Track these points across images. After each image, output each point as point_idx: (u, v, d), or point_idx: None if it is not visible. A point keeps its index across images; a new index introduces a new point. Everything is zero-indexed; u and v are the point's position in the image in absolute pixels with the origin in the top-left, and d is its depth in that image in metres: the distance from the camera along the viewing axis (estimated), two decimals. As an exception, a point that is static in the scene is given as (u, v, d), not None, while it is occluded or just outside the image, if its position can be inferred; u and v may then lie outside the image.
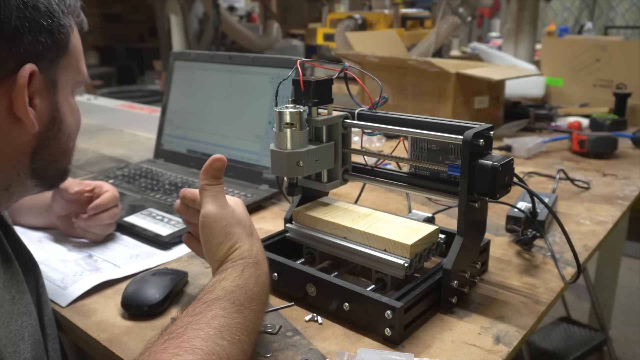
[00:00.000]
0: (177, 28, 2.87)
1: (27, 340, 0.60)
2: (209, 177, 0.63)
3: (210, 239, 0.61)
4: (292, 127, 0.69)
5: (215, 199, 0.62)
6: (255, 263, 0.59)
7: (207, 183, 0.63)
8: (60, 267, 0.81)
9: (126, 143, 1.62)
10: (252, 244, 0.61)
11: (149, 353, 0.49)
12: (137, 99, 2.25)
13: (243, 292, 0.55)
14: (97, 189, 0.89)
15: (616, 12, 5.17)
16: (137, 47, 4.54)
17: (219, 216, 0.61)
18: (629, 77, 1.71)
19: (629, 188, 1.15)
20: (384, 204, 1.07)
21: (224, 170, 0.65)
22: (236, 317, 0.53)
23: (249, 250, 0.60)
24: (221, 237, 0.60)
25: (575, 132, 1.46)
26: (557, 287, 0.75)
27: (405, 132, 0.72)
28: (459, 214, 0.67)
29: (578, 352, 1.84)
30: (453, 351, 0.62)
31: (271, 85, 1.09)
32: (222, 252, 0.60)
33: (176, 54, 1.31)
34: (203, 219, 0.61)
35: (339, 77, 0.74)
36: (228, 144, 1.17)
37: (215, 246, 0.60)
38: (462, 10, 2.16)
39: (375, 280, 0.70)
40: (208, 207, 0.61)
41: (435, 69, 1.51)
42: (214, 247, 0.61)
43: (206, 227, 0.61)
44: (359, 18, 2.67)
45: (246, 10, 4.11)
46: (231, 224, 0.61)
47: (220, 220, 0.61)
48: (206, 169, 0.63)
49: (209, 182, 0.63)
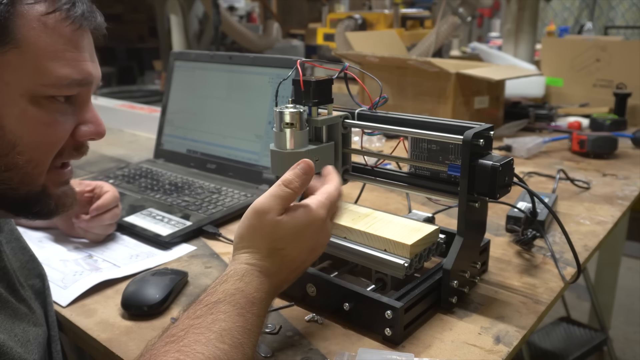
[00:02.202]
0: (177, 28, 2.87)
1: (32, 342, 0.60)
2: (290, 176, 0.59)
3: (240, 225, 0.59)
4: (292, 127, 0.69)
5: (272, 199, 0.58)
6: (260, 272, 0.57)
7: (283, 180, 0.59)
8: (60, 267, 0.81)
9: (126, 143, 1.62)
10: (268, 257, 0.57)
11: (150, 356, 0.48)
12: (137, 99, 2.25)
13: (244, 296, 0.54)
14: (97, 189, 0.89)
15: (616, 12, 5.17)
16: (137, 47, 4.53)
17: (258, 216, 0.57)
18: (629, 77, 1.71)
19: (629, 188, 1.15)
20: (384, 204, 1.07)
21: (310, 178, 0.60)
22: (237, 321, 0.52)
23: (259, 259, 0.57)
24: (245, 233, 0.58)
25: (575, 132, 1.46)
26: (557, 287, 0.75)
27: (405, 132, 0.72)
28: (459, 214, 0.67)
29: (578, 352, 1.83)
30: (453, 351, 0.62)
31: (271, 85, 1.09)
32: (239, 245, 0.58)
33: (176, 54, 1.31)
34: (251, 206, 0.58)
35: (339, 77, 0.74)
36: (228, 144, 1.17)
37: (239, 236, 0.59)
38: (462, 10, 2.17)
39: (375, 280, 0.70)
40: (260, 200, 0.58)
41: (435, 69, 1.51)
42: (238, 236, 0.59)
43: (245, 214, 0.59)
44: (359, 18, 2.67)
45: (246, 10, 4.10)
46: (262, 229, 0.57)
47: (256, 220, 0.58)
48: (294, 167, 0.60)
49: (286, 180, 0.59)
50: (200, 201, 1.02)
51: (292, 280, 0.61)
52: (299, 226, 0.58)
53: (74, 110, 0.59)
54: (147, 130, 1.68)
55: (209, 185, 1.10)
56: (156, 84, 3.07)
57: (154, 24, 3.85)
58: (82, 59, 0.57)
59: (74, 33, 0.56)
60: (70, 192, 0.64)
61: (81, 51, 0.57)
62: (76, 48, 0.56)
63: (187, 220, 0.95)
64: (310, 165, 0.60)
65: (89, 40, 0.59)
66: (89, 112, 0.61)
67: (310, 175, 0.60)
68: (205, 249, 0.88)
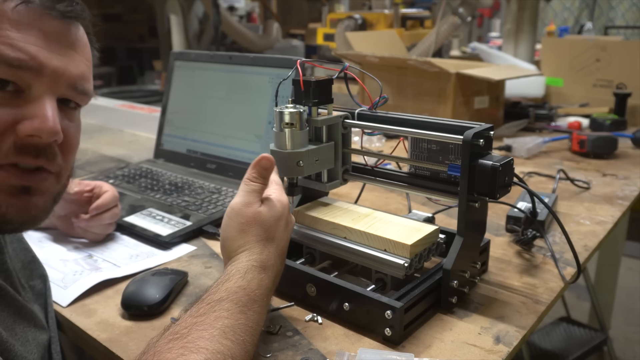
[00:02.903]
0: (177, 28, 2.87)
1: (31, 342, 0.60)
2: (254, 173, 0.64)
3: (227, 230, 0.62)
4: (292, 127, 0.69)
5: (248, 194, 0.62)
6: (261, 268, 0.59)
7: (249, 177, 0.64)
8: (60, 267, 0.81)
9: (126, 143, 1.62)
10: (264, 250, 0.61)
11: (154, 353, 0.49)
12: (137, 99, 2.25)
13: (246, 294, 0.56)
14: (96, 189, 0.89)
15: (616, 12, 5.18)
16: (137, 47, 4.53)
17: (241, 212, 0.61)
18: (629, 77, 1.71)
19: (629, 188, 1.15)
20: (384, 204, 1.07)
21: (271, 171, 0.65)
22: (240, 318, 0.53)
23: (258, 254, 0.60)
24: (235, 233, 0.61)
25: (575, 132, 1.46)
26: (557, 287, 0.75)
27: (405, 132, 0.72)
28: (459, 214, 0.67)
29: (578, 352, 1.83)
30: (453, 351, 0.62)
31: (271, 85, 1.09)
32: (232, 247, 0.61)
33: (176, 54, 1.31)
34: (228, 209, 0.62)
35: (339, 77, 0.74)
36: (228, 144, 1.17)
37: (229, 239, 0.61)
38: (462, 10, 2.17)
39: (375, 280, 0.70)
40: (236, 200, 0.62)
41: (435, 69, 1.51)
42: (227, 240, 0.62)
43: (227, 218, 0.62)
44: (359, 18, 2.67)
45: (246, 10, 4.10)
46: (249, 223, 0.61)
47: (240, 216, 0.61)
48: (254, 164, 0.64)
49: (252, 177, 0.63)
50: (200, 201, 1.02)
51: (282, 269, 0.64)
52: (277, 213, 0.63)
53: (16, 103, 0.51)
54: (147, 130, 1.68)
55: (209, 185, 1.10)
56: (156, 84, 3.07)
57: (154, 24, 3.85)
58: (22, 40, 0.50)
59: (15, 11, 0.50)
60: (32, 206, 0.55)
61: (24, 32, 0.50)
62: (16, 28, 0.50)
63: (187, 220, 0.95)
64: (271, 160, 0.65)
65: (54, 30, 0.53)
66: (38, 108, 0.52)
67: (271, 170, 0.65)
68: (205, 249, 0.88)
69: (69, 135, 0.57)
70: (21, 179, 0.53)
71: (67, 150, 0.58)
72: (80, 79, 0.56)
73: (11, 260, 0.64)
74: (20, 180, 0.53)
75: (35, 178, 0.54)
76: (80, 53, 0.57)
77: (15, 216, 0.54)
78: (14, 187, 0.53)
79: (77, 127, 0.60)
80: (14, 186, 0.53)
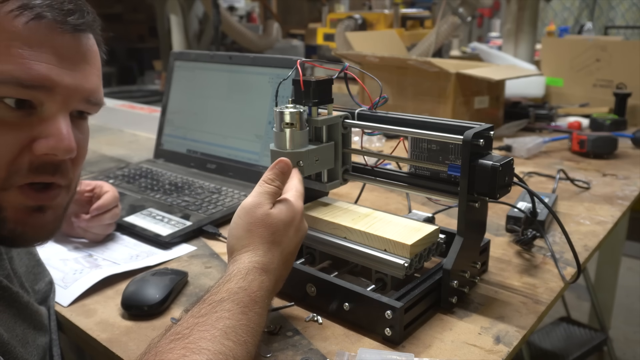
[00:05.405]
0: (177, 28, 2.87)
1: (31, 344, 0.60)
2: (270, 175, 0.64)
3: (234, 228, 0.62)
4: (292, 127, 0.69)
5: (260, 195, 0.62)
6: (262, 270, 0.58)
7: (265, 179, 0.64)
8: (61, 266, 0.81)
9: (126, 143, 1.62)
10: (267, 252, 0.60)
11: (155, 353, 0.49)
12: (137, 99, 2.24)
13: (247, 295, 0.55)
14: (97, 189, 0.89)
15: (616, 12, 5.18)
16: (137, 47, 4.53)
17: (250, 212, 0.61)
18: (629, 77, 1.71)
19: (629, 188, 1.15)
20: (384, 204, 1.07)
21: (288, 175, 0.65)
22: (241, 319, 0.53)
23: (260, 256, 0.59)
24: (242, 232, 0.61)
25: (575, 132, 1.46)
26: (557, 287, 0.75)
27: (405, 132, 0.72)
28: (459, 214, 0.67)
29: (578, 352, 1.84)
30: (453, 351, 0.62)
31: (271, 85, 1.09)
32: (237, 246, 0.60)
33: (176, 54, 1.31)
34: (239, 207, 0.62)
35: (339, 77, 0.74)
36: (228, 144, 1.17)
37: (235, 238, 0.61)
38: (462, 10, 2.16)
39: (375, 280, 0.70)
40: (248, 199, 0.62)
41: (435, 69, 1.51)
42: (233, 238, 0.61)
43: (236, 216, 0.62)
44: (359, 18, 2.67)
45: (246, 10, 4.10)
46: (257, 224, 0.60)
47: (249, 216, 0.61)
48: (272, 166, 0.64)
49: (267, 179, 0.63)
50: (200, 201, 1.02)
51: (286, 275, 0.64)
52: (288, 218, 0.62)
53: (30, 121, 0.51)
54: (147, 130, 1.68)
55: (209, 185, 1.10)
56: (156, 84, 3.07)
57: (154, 24, 3.84)
58: (34, 58, 0.49)
59: (26, 28, 0.49)
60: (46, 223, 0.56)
61: (36, 50, 0.50)
62: (28, 45, 0.49)
63: (187, 220, 0.95)
64: (288, 164, 0.65)
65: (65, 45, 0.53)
66: (53, 125, 0.52)
67: (288, 174, 0.65)
68: (205, 249, 0.88)
69: (80, 147, 0.58)
70: (36, 200, 0.54)
71: (77, 162, 0.59)
72: (94, 92, 0.57)
73: (13, 264, 0.64)
74: (35, 201, 0.54)
75: (49, 196, 0.55)
76: (92, 64, 0.57)
77: (31, 235, 0.56)
78: (29, 207, 0.54)
79: (86, 137, 0.61)
80: (29, 207, 0.54)
